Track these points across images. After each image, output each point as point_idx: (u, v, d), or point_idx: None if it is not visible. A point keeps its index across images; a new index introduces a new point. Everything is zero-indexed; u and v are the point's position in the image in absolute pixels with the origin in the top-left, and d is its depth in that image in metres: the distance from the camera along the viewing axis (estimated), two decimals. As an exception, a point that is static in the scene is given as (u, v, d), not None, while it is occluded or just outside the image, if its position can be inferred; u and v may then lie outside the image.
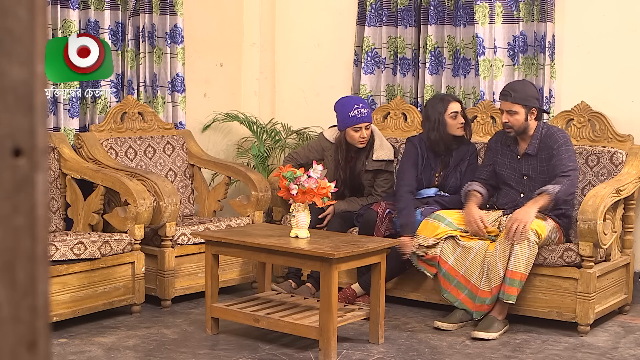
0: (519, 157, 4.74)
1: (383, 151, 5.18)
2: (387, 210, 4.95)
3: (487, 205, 4.89)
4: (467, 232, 4.68)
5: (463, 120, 5.00)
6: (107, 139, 5.35)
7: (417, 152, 5.01)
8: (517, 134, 4.70)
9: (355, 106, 5.09)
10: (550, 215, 4.61)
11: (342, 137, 5.17)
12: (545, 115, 5.33)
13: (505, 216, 4.65)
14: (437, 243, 4.67)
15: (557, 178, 4.53)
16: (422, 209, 4.90)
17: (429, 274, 4.75)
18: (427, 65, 5.70)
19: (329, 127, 5.38)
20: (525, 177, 4.72)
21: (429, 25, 5.68)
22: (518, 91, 4.67)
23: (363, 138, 5.11)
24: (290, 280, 5.10)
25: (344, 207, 5.17)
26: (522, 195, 4.72)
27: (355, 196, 5.28)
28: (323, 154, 5.30)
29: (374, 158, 5.17)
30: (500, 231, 4.66)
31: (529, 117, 4.65)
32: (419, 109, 5.74)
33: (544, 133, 4.68)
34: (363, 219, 4.99)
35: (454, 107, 4.98)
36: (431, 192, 5.03)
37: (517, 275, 4.43)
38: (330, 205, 5.04)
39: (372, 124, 5.23)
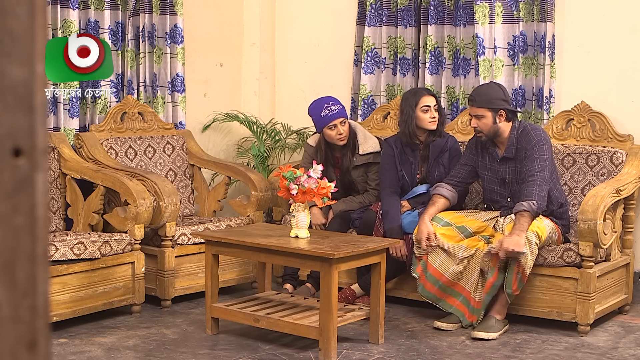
0: (498, 159, 4.67)
1: (368, 144, 5.19)
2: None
3: (485, 206, 4.88)
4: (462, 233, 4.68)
5: (436, 115, 4.93)
6: (107, 139, 5.35)
7: (393, 151, 5.00)
8: (488, 137, 4.63)
9: (325, 105, 5.12)
10: (548, 216, 4.60)
11: (321, 138, 5.19)
12: (546, 114, 5.34)
13: (503, 217, 4.64)
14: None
15: (527, 187, 4.43)
16: (420, 209, 4.89)
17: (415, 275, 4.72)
18: (427, 65, 5.70)
19: (312, 135, 5.40)
20: (506, 181, 4.68)
21: (429, 25, 5.67)
22: (482, 94, 4.63)
23: (340, 134, 5.12)
24: (309, 284, 5.04)
25: (343, 207, 5.16)
26: (509, 199, 4.67)
27: (350, 195, 5.27)
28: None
29: (360, 153, 5.18)
30: (496, 231, 4.65)
31: (497, 120, 4.58)
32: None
33: (519, 133, 4.60)
34: (362, 219, 4.99)
35: (427, 100, 4.92)
36: (422, 188, 5.01)
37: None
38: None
39: (349, 120, 5.24)
